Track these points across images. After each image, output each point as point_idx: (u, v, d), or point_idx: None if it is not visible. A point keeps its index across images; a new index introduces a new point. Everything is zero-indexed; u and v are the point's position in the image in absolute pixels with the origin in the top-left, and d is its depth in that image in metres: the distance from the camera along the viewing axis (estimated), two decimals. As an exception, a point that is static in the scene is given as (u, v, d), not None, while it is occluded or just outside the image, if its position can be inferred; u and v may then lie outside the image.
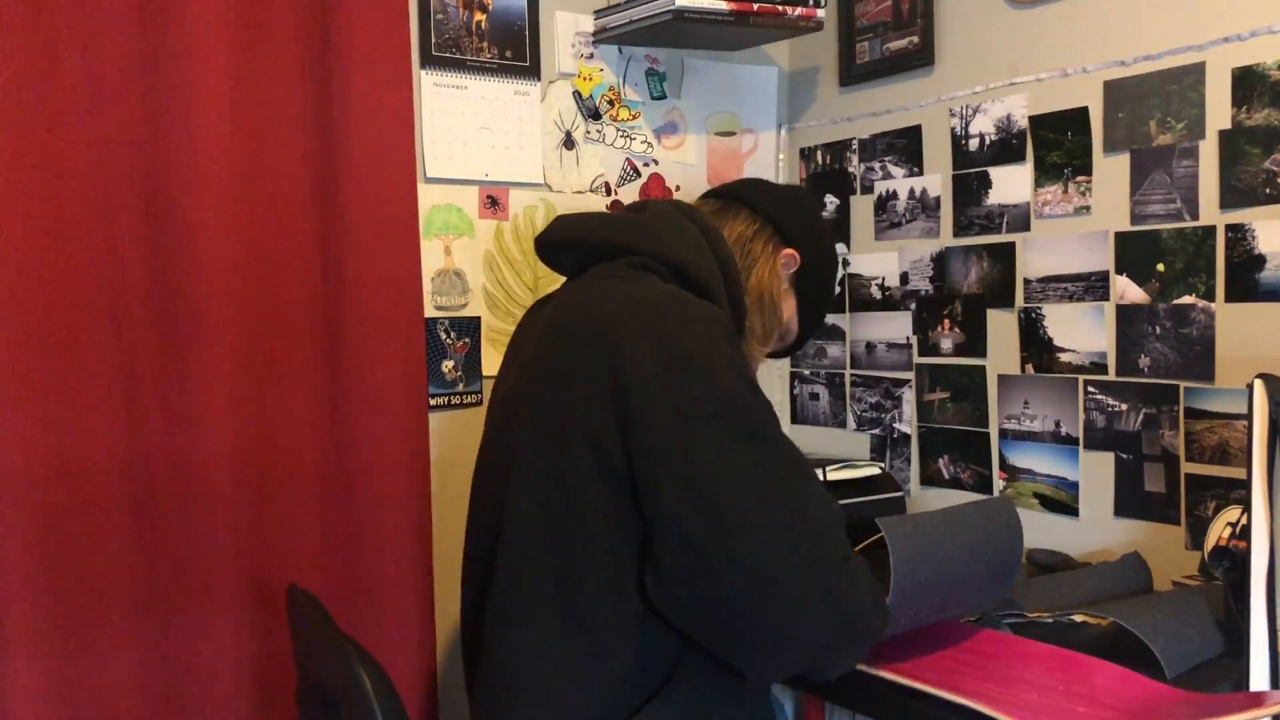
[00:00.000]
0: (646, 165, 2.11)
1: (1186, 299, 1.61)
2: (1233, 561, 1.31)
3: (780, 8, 1.92)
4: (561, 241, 1.32)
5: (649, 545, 1.08)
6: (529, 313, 1.39)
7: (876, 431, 2.12)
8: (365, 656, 1.12)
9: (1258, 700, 1.13)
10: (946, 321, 1.97)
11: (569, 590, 1.11)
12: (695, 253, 1.26)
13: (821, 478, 1.92)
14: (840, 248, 1.50)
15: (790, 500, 1.05)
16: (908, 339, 2.04)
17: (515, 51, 1.93)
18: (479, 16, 1.89)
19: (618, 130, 2.07)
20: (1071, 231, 1.76)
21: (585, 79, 2.02)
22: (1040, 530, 1.82)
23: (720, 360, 1.10)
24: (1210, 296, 1.58)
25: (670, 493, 1.05)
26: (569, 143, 2.01)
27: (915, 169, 2.02)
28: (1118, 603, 1.42)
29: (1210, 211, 1.58)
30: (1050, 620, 1.42)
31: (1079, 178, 1.75)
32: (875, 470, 1.99)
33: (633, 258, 1.24)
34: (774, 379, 2.31)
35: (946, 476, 1.99)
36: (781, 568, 1.03)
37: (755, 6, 1.90)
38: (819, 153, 2.22)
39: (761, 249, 1.39)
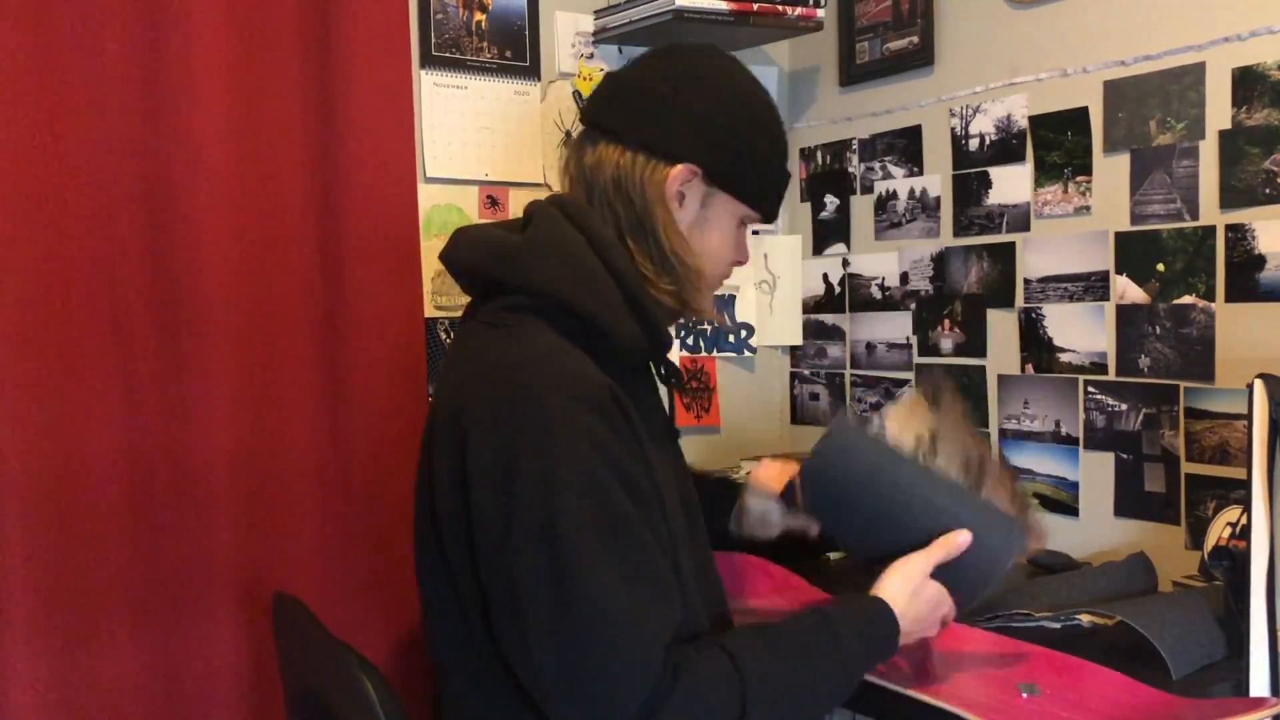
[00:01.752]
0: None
1: (1186, 299, 1.61)
2: (1233, 561, 1.31)
3: (780, 8, 1.92)
4: (449, 267, 1.24)
5: None
6: (451, 341, 1.33)
7: (876, 431, 2.12)
8: (367, 664, 1.11)
9: (1250, 706, 1.13)
10: (946, 321, 1.97)
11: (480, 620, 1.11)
12: (580, 279, 1.13)
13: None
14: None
15: (584, 649, 0.99)
16: (908, 339, 2.04)
17: (515, 51, 1.93)
18: (479, 16, 1.89)
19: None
20: (1071, 231, 1.76)
21: (585, 79, 2.02)
22: (1040, 530, 1.82)
23: (562, 454, 1.01)
24: (1210, 296, 1.58)
25: (496, 608, 1.06)
26: (569, 142, 2.00)
27: (915, 169, 2.02)
28: (1124, 603, 1.42)
29: (1210, 211, 1.58)
30: (1058, 626, 1.41)
31: (1079, 178, 1.75)
32: (875, 470, 1.99)
33: (510, 297, 1.14)
34: (774, 379, 2.31)
35: (946, 476, 1.98)
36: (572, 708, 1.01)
37: (755, 6, 1.90)
38: (819, 153, 2.22)
39: (643, 188, 1.18)
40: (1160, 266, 1.64)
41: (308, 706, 1.29)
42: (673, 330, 1.36)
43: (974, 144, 1.91)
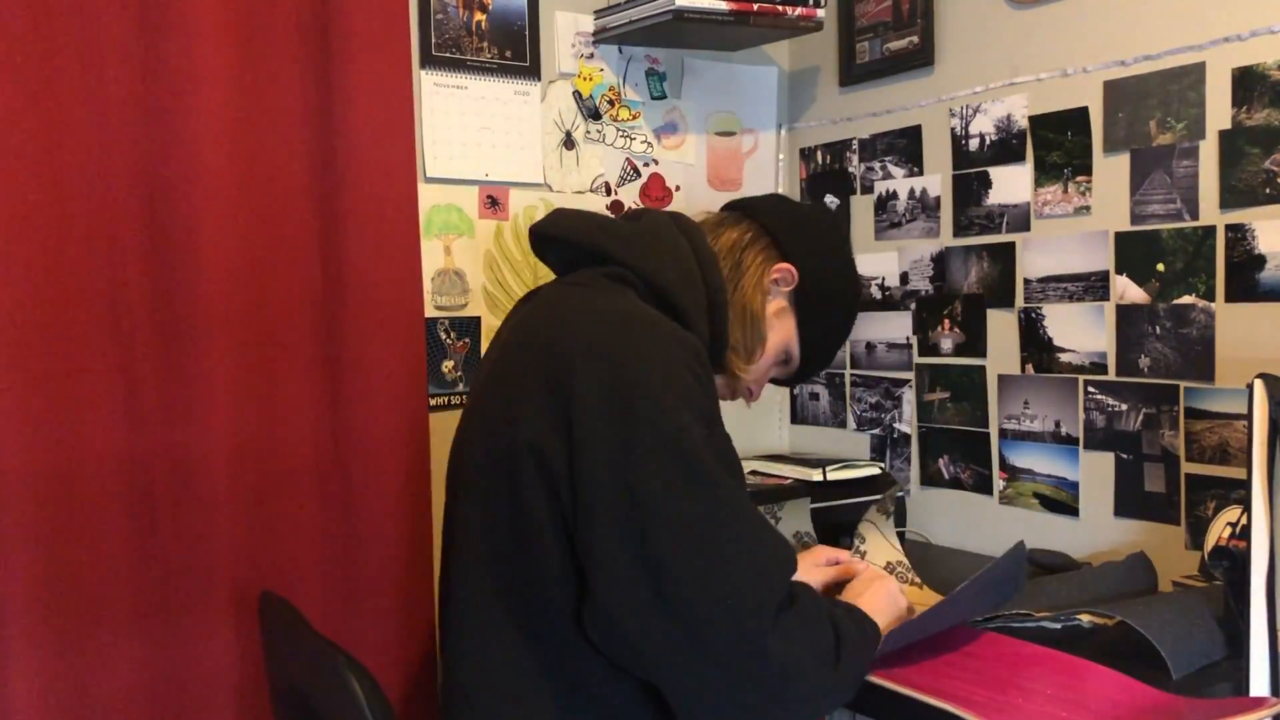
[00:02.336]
0: (646, 165, 2.11)
1: (1186, 299, 1.61)
2: (1233, 561, 1.31)
3: (780, 8, 1.92)
4: (551, 236, 1.30)
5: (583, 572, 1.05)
6: (514, 309, 1.34)
7: (876, 431, 2.12)
8: (354, 664, 1.10)
9: (1249, 706, 1.13)
10: (946, 321, 1.97)
11: (521, 609, 1.09)
12: (679, 274, 1.22)
13: (822, 478, 1.93)
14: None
15: (724, 548, 1.01)
16: (908, 339, 2.04)
17: (515, 51, 1.93)
18: (479, 16, 1.89)
19: (618, 130, 2.07)
20: (1071, 231, 1.76)
21: (585, 79, 2.02)
22: (1040, 530, 1.82)
23: (674, 390, 1.04)
24: (1210, 296, 1.58)
25: (605, 526, 1.01)
26: (569, 143, 2.01)
27: (915, 169, 2.02)
28: (1124, 603, 1.42)
29: (1210, 211, 1.58)
30: (1058, 627, 1.41)
31: (1079, 178, 1.75)
32: (875, 470, 2.00)
33: (614, 268, 1.21)
34: (774, 379, 2.31)
35: (946, 476, 1.99)
36: (707, 618, 1.00)
37: (755, 6, 1.90)
38: (819, 153, 2.22)
39: (753, 260, 1.32)
40: (1160, 266, 1.64)
41: (294, 705, 1.28)
42: None
43: (974, 144, 1.91)
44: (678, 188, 2.15)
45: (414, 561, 1.77)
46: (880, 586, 1.31)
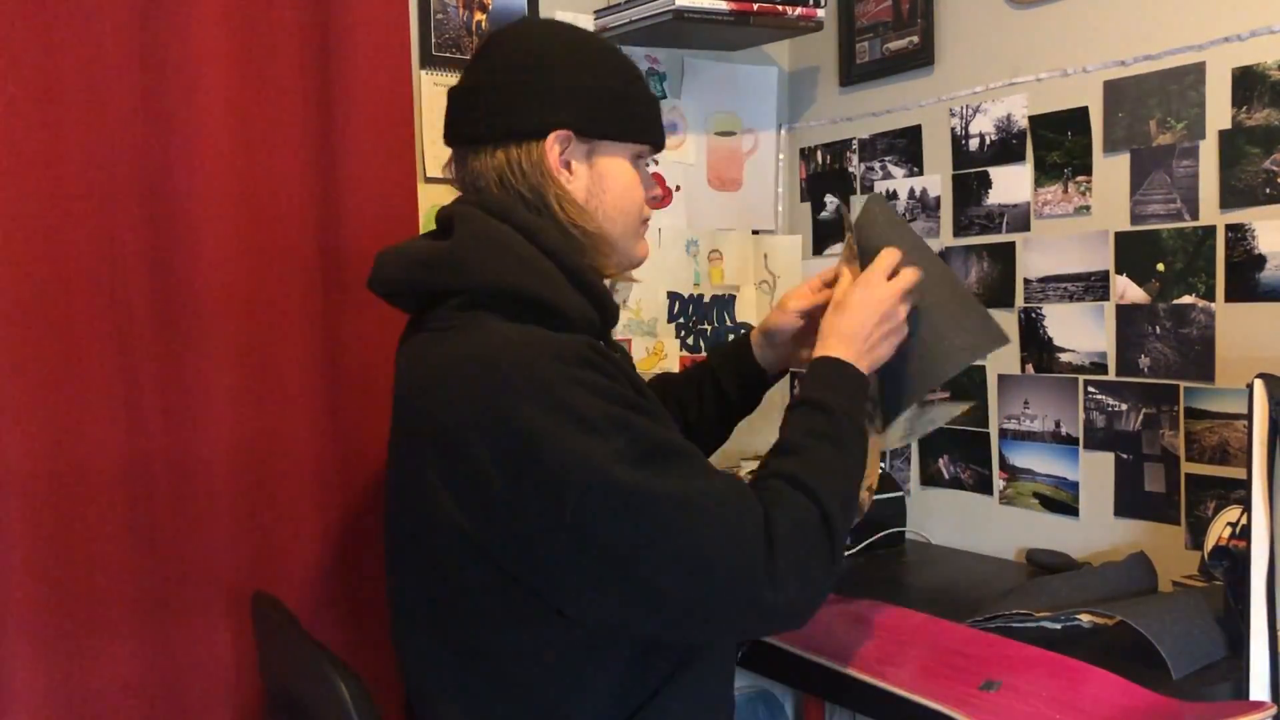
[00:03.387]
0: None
1: (1186, 299, 1.61)
2: (1233, 561, 1.31)
3: (780, 8, 1.92)
4: (380, 290, 1.23)
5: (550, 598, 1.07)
6: (397, 354, 1.29)
7: (876, 431, 2.12)
8: (339, 664, 1.11)
9: (1246, 710, 1.13)
10: (946, 321, 1.97)
11: (456, 629, 1.12)
12: (518, 266, 1.13)
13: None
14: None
15: (683, 542, 1.01)
16: (908, 339, 2.04)
17: (515, 51, 1.93)
18: (479, 16, 1.89)
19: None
20: (1071, 231, 1.76)
21: (585, 79, 2.02)
22: (1040, 530, 1.82)
23: (571, 427, 1.00)
24: (1210, 296, 1.58)
25: (571, 574, 1.03)
26: (569, 143, 2.00)
27: (915, 169, 2.02)
28: (1124, 603, 1.42)
29: (1210, 211, 1.58)
30: (1058, 626, 1.41)
31: (1079, 178, 1.75)
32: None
33: (458, 298, 1.13)
34: (774, 379, 2.31)
35: (946, 476, 1.99)
36: (703, 607, 1.04)
37: (755, 6, 1.90)
38: (819, 153, 2.22)
39: (527, 175, 1.18)
40: (1160, 266, 1.64)
41: (285, 706, 1.29)
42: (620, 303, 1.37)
43: (974, 144, 1.91)
44: (678, 188, 2.15)
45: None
46: (856, 300, 1.28)
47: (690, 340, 2.17)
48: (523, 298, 1.11)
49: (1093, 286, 1.73)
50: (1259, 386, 1.24)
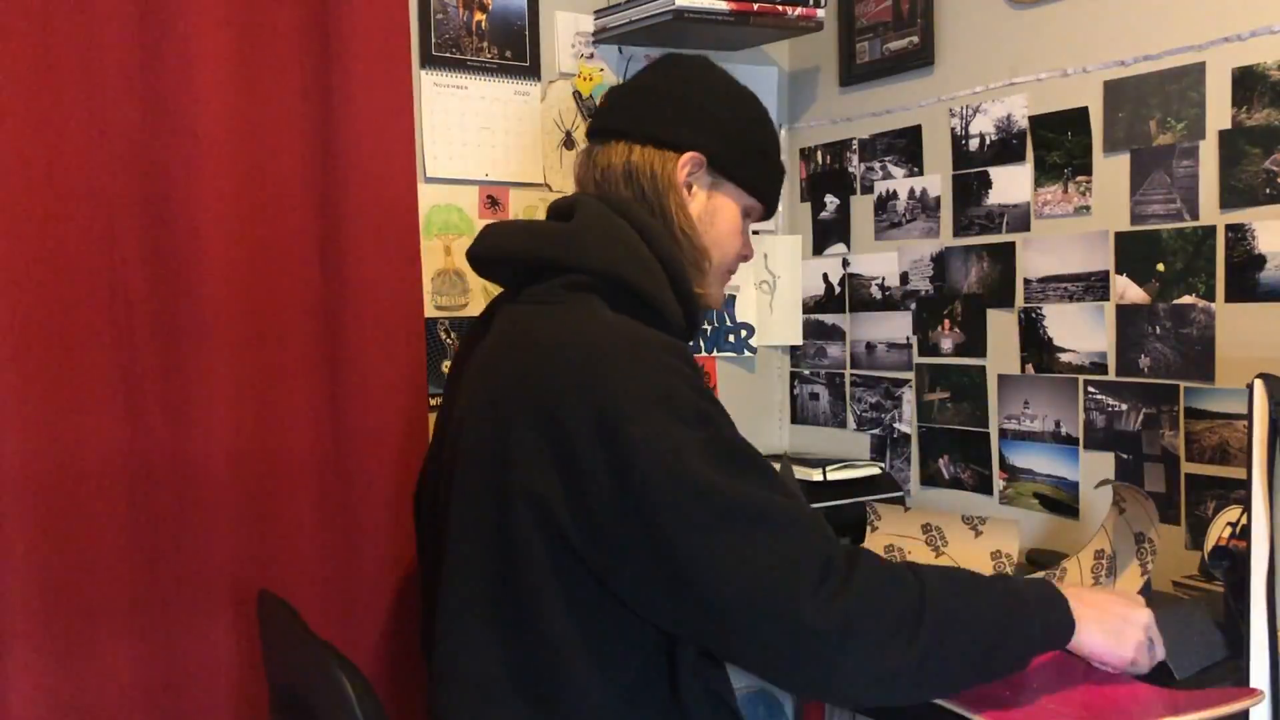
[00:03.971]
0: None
1: (1186, 299, 1.61)
2: (1233, 561, 1.31)
3: (780, 8, 1.92)
4: (490, 258, 1.25)
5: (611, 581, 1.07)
6: (464, 342, 1.32)
7: (876, 431, 2.12)
8: (344, 662, 1.10)
9: (1238, 695, 1.13)
10: (946, 321, 1.97)
11: (508, 629, 1.10)
12: (632, 259, 1.17)
13: (821, 478, 1.93)
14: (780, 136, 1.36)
15: (738, 541, 1.00)
16: (908, 339, 2.04)
17: (515, 51, 1.93)
18: (479, 16, 1.89)
19: (618, 130, 2.07)
20: (1071, 231, 1.76)
21: (585, 79, 2.02)
22: (1040, 530, 1.82)
23: (661, 411, 1.02)
24: (1210, 296, 1.58)
25: (635, 563, 1.03)
26: (569, 143, 2.01)
27: (915, 169, 2.02)
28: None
29: (1210, 211, 1.58)
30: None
31: (1079, 178, 1.75)
32: (875, 470, 2.00)
33: (567, 276, 1.15)
34: (774, 379, 2.31)
35: (946, 476, 1.99)
36: (739, 609, 0.99)
37: (755, 6, 1.90)
38: (819, 153, 2.22)
39: (654, 178, 1.24)
40: (1160, 266, 1.64)
41: (290, 705, 1.29)
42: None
43: (974, 144, 1.91)
44: (678, 188, 2.15)
45: (412, 562, 1.77)
46: (1112, 600, 1.17)
47: (690, 340, 2.17)
48: (629, 288, 1.15)
49: (1093, 286, 1.73)
50: (1259, 386, 1.24)
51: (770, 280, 2.25)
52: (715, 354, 2.21)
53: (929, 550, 1.75)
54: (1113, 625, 1.14)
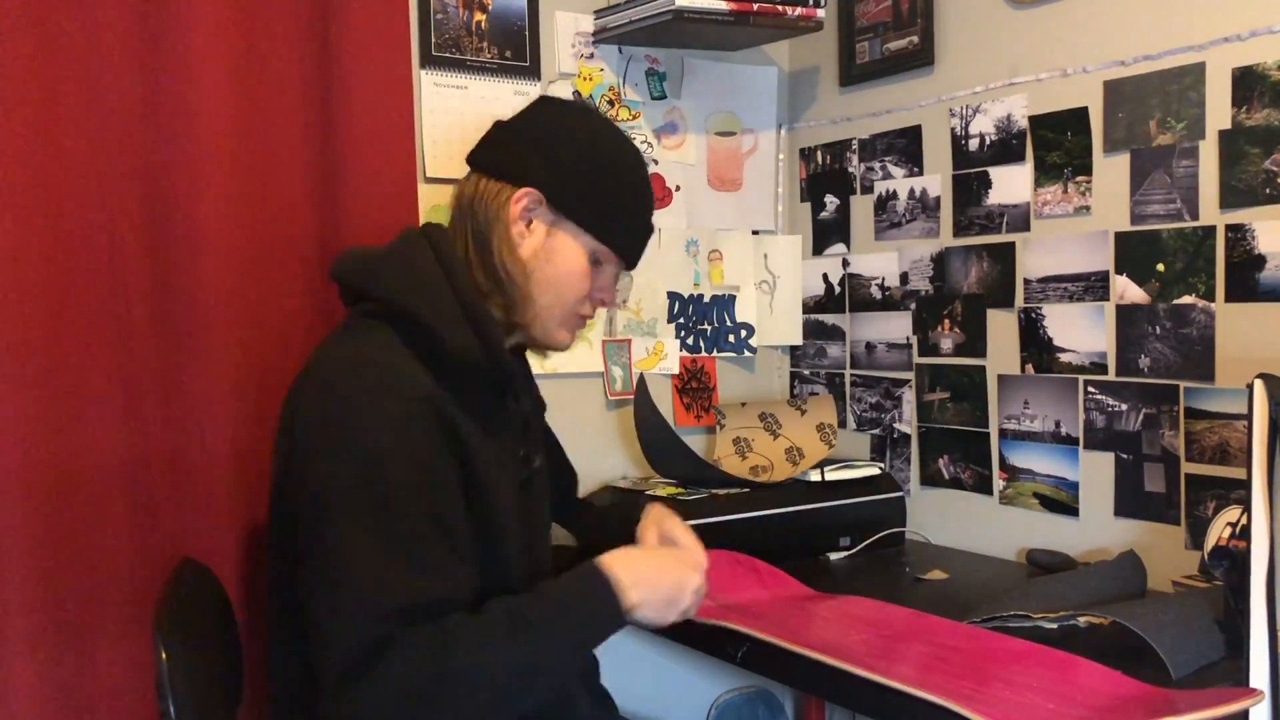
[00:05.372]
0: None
1: (1186, 299, 1.61)
2: (1233, 561, 1.31)
3: (780, 8, 1.92)
4: (334, 280, 1.33)
5: None
6: None
7: (876, 431, 2.12)
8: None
9: (1235, 696, 1.13)
10: (946, 321, 1.97)
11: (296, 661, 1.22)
12: (418, 290, 1.21)
13: (821, 478, 1.93)
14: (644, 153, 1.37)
15: (322, 590, 1.11)
16: (908, 339, 2.04)
17: (515, 51, 1.93)
18: (479, 16, 1.89)
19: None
20: (1071, 231, 1.76)
21: (585, 79, 2.02)
22: (1040, 530, 1.82)
23: (349, 439, 1.13)
24: (1210, 296, 1.58)
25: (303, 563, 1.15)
26: (569, 143, 2.01)
27: (915, 169, 2.02)
28: (1121, 605, 1.42)
29: (1210, 211, 1.58)
30: (1055, 626, 1.42)
31: (1079, 178, 1.75)
32: (875, 470, 2.00)
33: (366, 304, 1.25)
34: (774, 379, 2.31)
35: (946, 476, 1.99)
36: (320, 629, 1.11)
37: (755, 6, 1.90)
38: (819, 153, 2.22)
39: (488, 208, 1.26)
40: (1160, 266, 1.64)
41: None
42: (535, 359, 1.48)
43: (974, 144, 1.91)
44: (678, 188, 2.15)
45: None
46: (667, 569, 1.24)
47: (690, 340, 2.17)
48: (411, 319, 1.20)
49: (1093, 286, 1.73)
50: (1259, 386, 1.24)
51: (770, 280, 2.25)
52: (715, 354, 2.21)
53: (768, 435, 2.09)
54: (664, 597, 1.21)
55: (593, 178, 1.28)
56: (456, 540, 1.15)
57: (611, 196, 1.29)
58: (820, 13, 1.96)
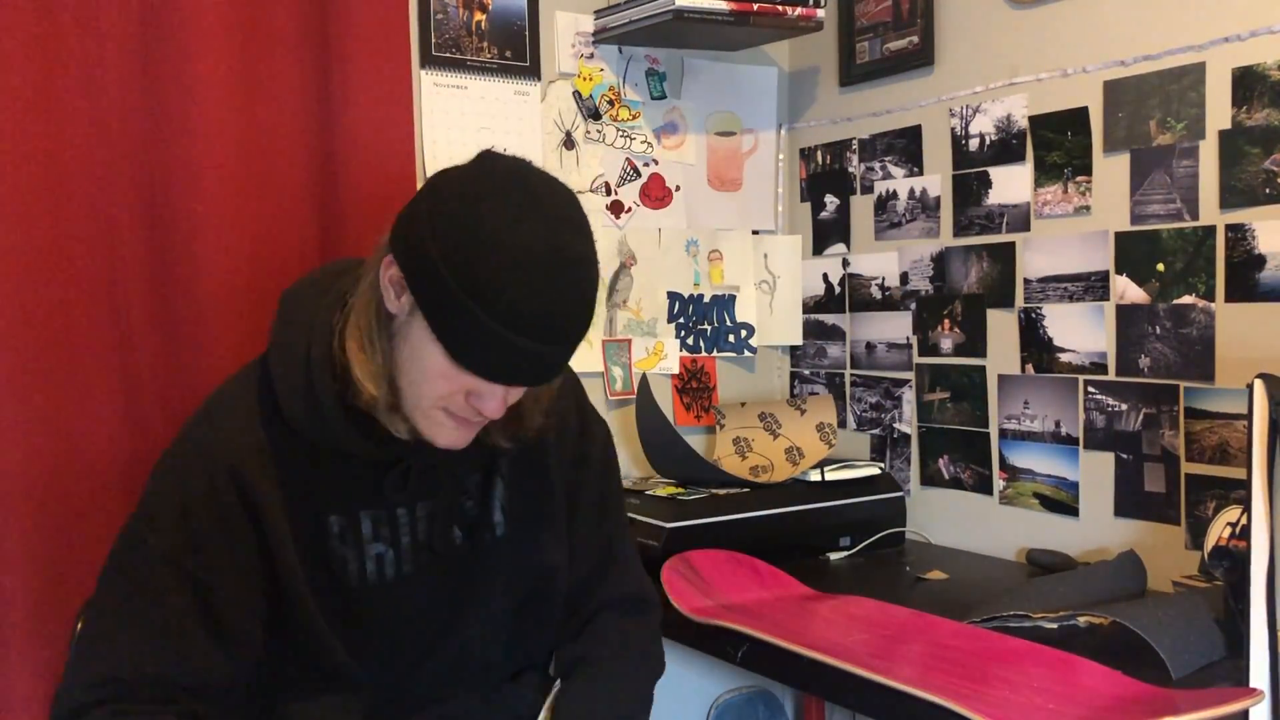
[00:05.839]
0: (646, 165, 2.11)
1: (1186, 299, 1.61)
2: (1233, 561, 1.31)
3: (780, 8, 1.92)
4: None
5: None
6: None
7: (876, 431, 2.12)
8: None
9: (1235, 696, 1.13)
10: (946, 321, 1.97)
11: None
12: (287, 337, 1.13)
13: (820, 478, 1.93)
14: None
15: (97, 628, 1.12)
16: (908, 339, 2.04)
17: (515, 51, 1.93)
18: (479, 16, 1.89)
19: (618, 130, 2.07)
20: (1071, 231, 1.76)
21: (585, 79, 2.02)
22: (1040, 530, 1.82)
23: (148, 505, 1.14)
24: (1210, 296, 1.58)
25: None
26: (569, 143, 2.01)
27: (915, 169, 2.02)
28: (1121, 604, 1.42)
29: (1210, 211, 1.58)
30: (1055, 626, 1.42)
31: (1079, 178, 1.75)
32: (875, 470, 2.00)
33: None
34: (774, 379, 2.31)
35: (946, 476, 1.99)
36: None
37: (755, 6, 1.90)
38: (819, 153, 2.22)
39: (367, 268, 1.09)
40: (1160, 266, 1.64)
41: None
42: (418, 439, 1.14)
43: (974, 144, 1.91)
44: (678, 188, 2.15)
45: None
46: None
47: (690, 340, 2.17)
48: (270, 369, 1.15)
49: (1093, 286, 1.73)
50: (1259, 386, 1.24)
51: (770, 280, 2.25)
52: (715, 354, 2.21)
53: (768, 435, 2.08)
54: None
55: (447, 263, 1.00)
56: (218, 619, 1.09)
57: (459, 298, 0.99)
58: (820, 13, 1.96)
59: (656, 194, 2.12)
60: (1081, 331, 1.75)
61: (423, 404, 1.08)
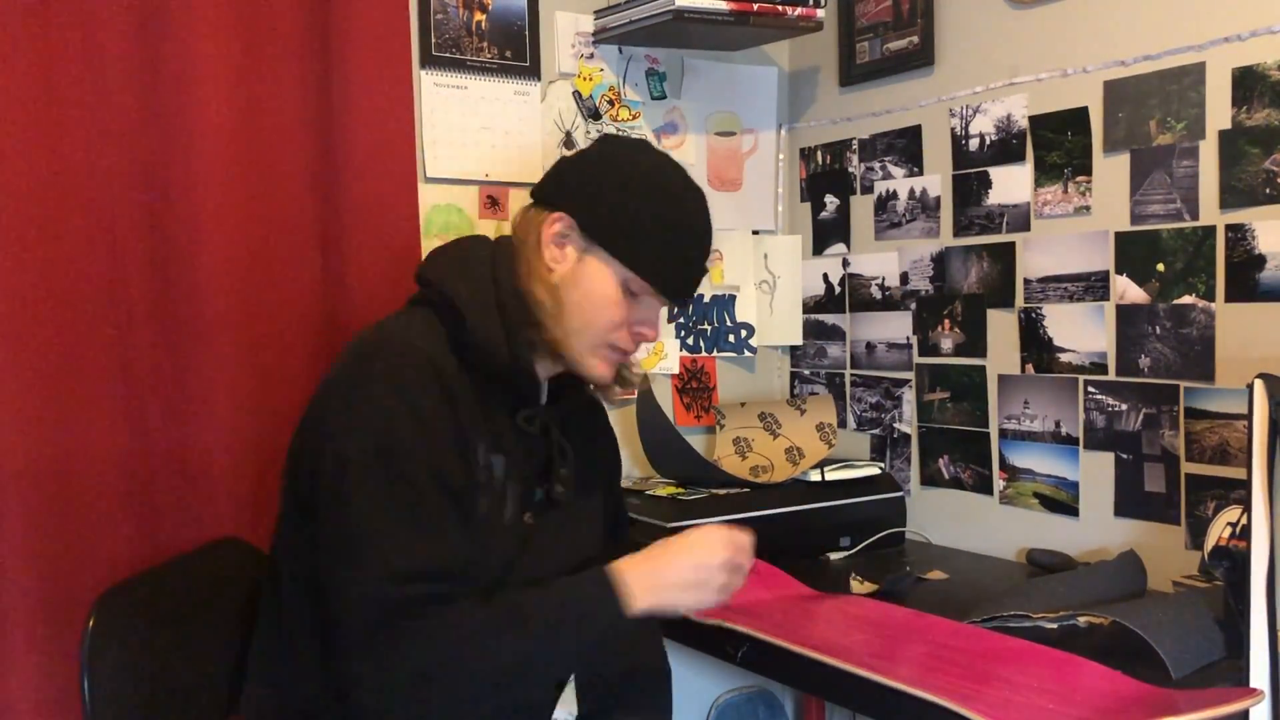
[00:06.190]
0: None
1: (1186, 299, 1.61)
2: (1233, 561, 1.31)
3: (780, 8, 1.92)
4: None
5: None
6: None
7: (876, 431, 2.12)
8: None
9: (1235, 696, 1.13)
10: (946, 321, 1.97)
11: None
12: (460, 274, 1.27)
13: (821, 478, 1.93)
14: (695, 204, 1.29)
15: (335, 549, 1.16)
16: (908, 339, 2.04)
17: (515, 51, 1.93)
18: (479, 16, 1.89)
19: (618, 130, 2.07)
20: (1071, 231, 1.76)
21: (585, 79, 2.02)
22: (1040, 530, 1.82)
23: (361, 406, 1.17)
24: (1210, 296, 1.58)
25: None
26: (569, 143, 2.01)
27: (915, 169, 2.02)
28: (1121, 604, 1.43)
29: (1210, 211, 1.58)
30: (1055, 626, 1.42)
31: (1079, 178, 1.75)
32: (875, 470, 2.00)
33: (420, 290, 1.30)
34: (774, 379, 2.31)
35: (946, 476, 1.99)
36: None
37: (755, 6, 1.90)
38: (819, 153, 2.22)
39: (526, 229, 1.30)
40: (1160, 266, 1.64)
41: None
42: (547, 372, 1.34)
43: (974, 144, 1.91)
44: (678, 188, 2.15)
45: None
46: (681, 554, 1.23)
47: (690, 340, 2.17)
48: (446, 301, 1.25)
49: (1093, 286, 1.73)
50: (1259, 386, 1.24)
51: (770, 280, 2.25)
52: (715, 354, 2.21)
53: (768, 435, 2.10)
54: (680, 582, 1.21)
55: (626, 205, 1.27)
56: (457, 499, 1.18)
57: (644, 225, 1.26)
58: (820, 13, 1.96)
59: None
60: (1081, 331, 1.75)
61: (588, 337, 1.28)
